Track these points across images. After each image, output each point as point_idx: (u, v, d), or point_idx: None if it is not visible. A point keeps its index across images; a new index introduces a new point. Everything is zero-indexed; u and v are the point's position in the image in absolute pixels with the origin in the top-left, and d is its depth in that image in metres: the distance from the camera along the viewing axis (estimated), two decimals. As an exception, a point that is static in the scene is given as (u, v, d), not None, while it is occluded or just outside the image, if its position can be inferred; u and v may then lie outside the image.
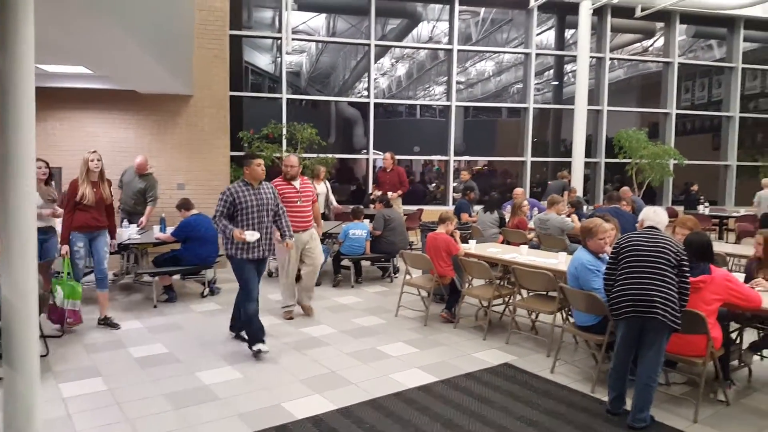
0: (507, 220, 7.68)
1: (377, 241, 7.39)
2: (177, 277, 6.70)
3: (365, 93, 12.29)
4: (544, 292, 5.17)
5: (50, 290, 5.01)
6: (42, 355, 4.35)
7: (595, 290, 4.03)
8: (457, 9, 12.04)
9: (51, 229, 5.41)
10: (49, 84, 7.51)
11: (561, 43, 13.62)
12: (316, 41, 13.00)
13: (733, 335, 4.25)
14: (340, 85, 14.14)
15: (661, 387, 3.93)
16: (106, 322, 5.35)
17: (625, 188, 9.47)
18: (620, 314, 3.49)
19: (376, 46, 11.92)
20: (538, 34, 12.87)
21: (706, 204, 11.47)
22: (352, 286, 7.30)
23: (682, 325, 3.40)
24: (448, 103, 12.35)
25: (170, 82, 7.17)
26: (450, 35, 12.23)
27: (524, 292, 5.48)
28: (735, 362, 4.20)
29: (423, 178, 14.01)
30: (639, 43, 14.97)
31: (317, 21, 12.75)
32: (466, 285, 5.79)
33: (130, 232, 6.50)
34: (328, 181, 8.85)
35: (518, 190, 9.25)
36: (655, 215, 3.75)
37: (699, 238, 3.82)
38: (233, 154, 9.09)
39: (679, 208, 11.58)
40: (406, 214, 9.01)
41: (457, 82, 12.58)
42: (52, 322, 5.05)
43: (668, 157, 11.96)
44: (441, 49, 12.86)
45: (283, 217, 4.97)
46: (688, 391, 4.02)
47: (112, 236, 5.54)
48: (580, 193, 11.02)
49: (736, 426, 3.56)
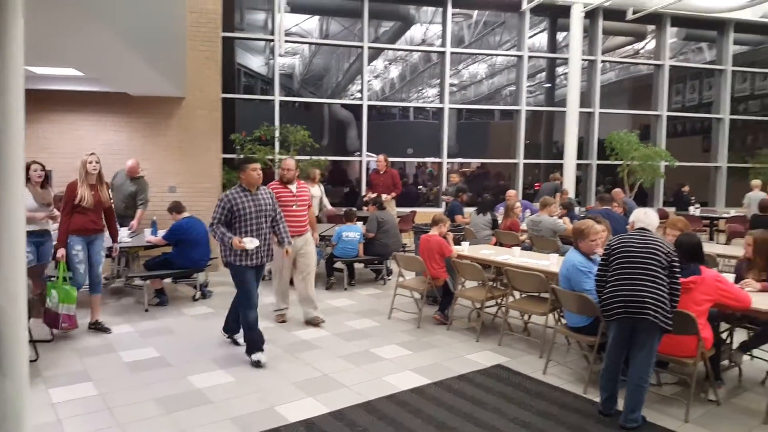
0: (499, 222, 7.70)
1: (370, 244, 7.39)
2: (168, 280, 6.66)
3: (358, 95, 12.30)
4: (537, 294, 5.18)
5: (41, 294, 4.98)
6: (31, 360, 4.33)
7: (586, 291, 4.05)
8: (450, 12, 12.07)
9: (46, 233, 5.33)
10: (40, 86, 7.47)
11: (553, 45, 13.68)
12: (309, 43, 13.00)
13: (724, 335, 4.28)
14: (333, 87, 14.16)
15: (653, 387, 3.94)
16: (96, 327, 5.32)
17: (617, 190, 9.52)
18: (612, 315, 3.51)
19: (369, 48, 11.93)
20: (530, 37, 12.92)
21: (697, 205, 11.53)
22: (345, 289, 7.30)
23: (673, 325, 3.41)
24: (441, 106, 12.37)
25: (162, 85, 7.15)
26: (443, 38, 12.25)
27: (517, 294, 5.50)
28: (725, 362, 4.22)
29: (416, 180, 14.03)
30: (630, 46, 15.07)
31: (310, 23, 12.76)
32: (459, 287, 5.80)
33: (121, 236, 6.45)
34: (321, 184, 8.84)
35: (511, 192, 9.27)
36: (645, 217, 3.77)
37: (689, 239, 3.85)
38: (225, 156, 9.07)
39: (671, 210, 11.64)
40: (399, 216, 9.02)
41: (450, 85, 12.60)
42: (48, 326, 5.00)
43: (659, 158, 12.02)
44: (434, 52, 12.89)
45: (281, 223, 4.88)
46: (679, 392, 4.04)
47: (114, 239, 5.50)
48: (572, 195, 11.07)
49: (727, 425, 3.58)
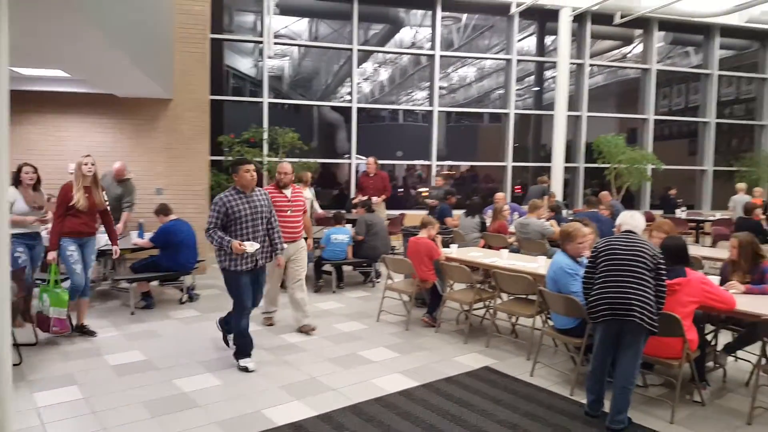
0: (488, 225, 7.72)
1: (359, 246, 7.38)
2: (155, 283, 6.61)
3: (348, 97, 12.30)
4: (524, 296, 5.20)
5: (24, 297, 4.91)
6: (15, 364, 4.27)
7: (573, 293, 4.07)
8: (439, 15, 12.12)
9: (37, 235, 5.27)
10: (25, 87, 7.40)
11: (541, 49, 13.77)
12: (299, 45, 12.98)
13: (709, 337, 4.33)
14: (322, 89, 14.13)
15: (639, 389, 3.97)
16: (82, 330, 5.26)
17: (604, 193, 9.59)
18: (598, 317, 3.53)
19: (358, 51, 11.94)
20: (519, 41, 13.00)
21: (683, 208, 11.65)
22: (334, 292, 7.28)
23: (659, 327, 3.44)
24: (430, 108, 12.41)
25: (150, 86, 7.10)
26: (432, 41, 12.30)
27: (504, 296, 5.52)
28: (710, 364, 4.27)
29: (406, 182, 14.03)
30: (618, 50, 15.19)
31: (299, 25, 12.74)
32: (448, 289, 5.81)
33: (106, 238, 6.40)
34: (312, 187, 8.81)
35: (499, 195, 9.30)
36: (632, 219, 3.80)
37: (675, 242, 3.89)
38: (213, 158, 9.03)
39: (658, 213, 11.74)
40: (388, 219, 9.01)
41: (440, 88, 12.64)
42: (41, 330, 4.95)
43: (646, 162, 12.14)
44: (423, 55, 12.92)
45: (276, 229, 4.69)
46: (664, 393, 4.07)
47: (114, 242, 5.44)
48: (559, 198, 11.13)
49: (712, 426, 3.61)
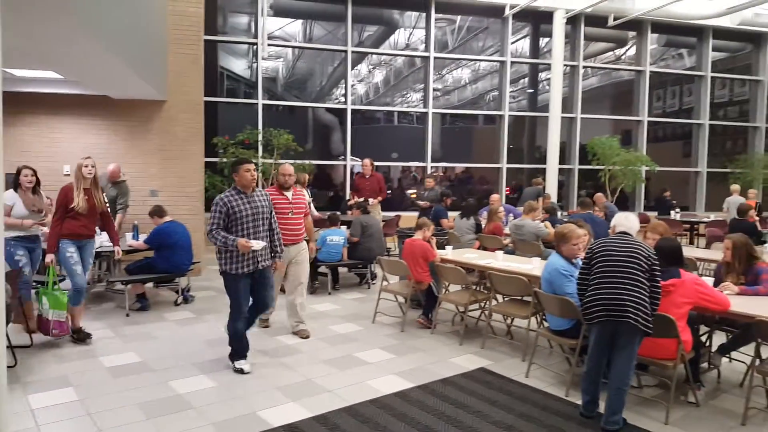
0: (483, 226, 7.74)
1: (354, 248, 7.38)
2: (150, 285, 6.59)
3: (342, 99, 12.30)
4: (519, 297, 5.22)
5: (20, 299, 4.89)
6: (10, 366, 4.25)
7: (568, 295, 4.08)
8: (434, 17, 12.15)
9: (37, 238, 5.23)
10: (19, 89, 7.38)
11: (536, 51, 13.82)
12: (293, 47, 12.97)
13: (703, 338, 4.35)
14: (317, 91, 14.12)
15: (633, 390, 3.98)
16: (79, 334, 5.19)
17: (599, 194, 9.63)
18: (593, 318, 3.54)
19: (353, 52, 11.95)
20: (513, 43, 13.05)
21: (678, 209, 11.70)
22: (329, 293, 7.28)
23: (654, 328, 3.45)
24: (425, 110, 12.43)
25: (143, 88, 7.09)
26: (426, 43, 12.32)
27: (500, 297, 5.53)
28: (705, 365, 4.28)
29: (401, 184, 14.04)
30: (612, 52, 15.25)
31: (294, 27, 12.73)
32: (443, 290, 5.82)
33: (102, 240, 6.38)
34: (308, 189, 8.79)
35: (494, 197, 9.32)
36: (626, 221, 3.81)
37: (669, 243, 3.91)
38: (208, 160, 9.01)
39: (652, 214, 11.80)
40: (384, 220, 9.01)
41: (434, 89, 12.67)
42: (42, 333, 4.91)
43: (640, 163, 12.19)
44: (418, 57, 12.94)
45: (276, 231, 4.61)
46: (659, 394, 4.09)
47: (116, 243, 5.39)
48: (554, 199, 11.16)
49: (706, 427, 3.63)
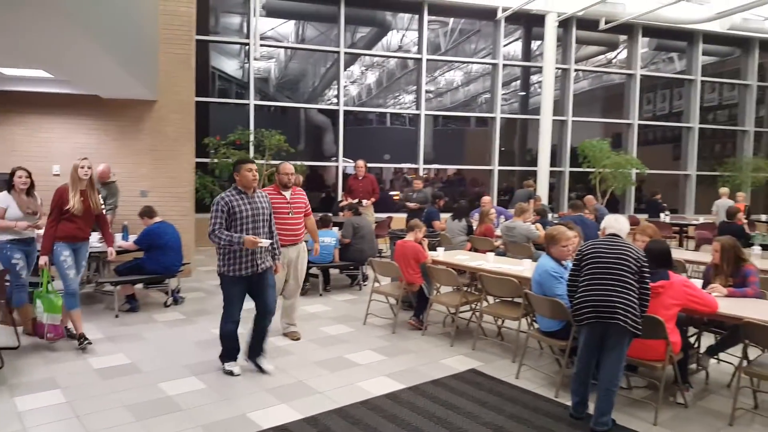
0: (474, 228, 7.75)
1: (346, 249, 7.37)
2: (140, 286, 6.55)
3: (335, 100, 12.30)
4: (510, 299, 5.23)
5: (7, 301, 4.84)
6: (-4, 368, 4.22)
7: (558, 296, 4.10)
8: (426, 19, 12.18)
9: (32, 241, 5.15)
10: (7, 87, 7.32)
11: (527, 54, 13.88)
12: (285, 48, 12.97)
13: (692, 340, 4.38)
14: (309, 91, 14.12)
15: (623, 391, 4.00)
16: (67, 333, 5.15)
17: (589, 197, 9.68)
18: (582, 320, 3.55)
19: (345, 53, 11.95)
20: (505, 45, 13.11)
21: (667, 212, 11.79)
22: (321, 295, 7.26)
23: (643, 330, 3.47)
24: (417, 112, 12.45)
25: (134, 87, 7.05)
26: (419, 44, 12.34)
27: (490, 299, 5.54)
28: (693, 366, 4.31)
29: (393, 185, 14.06)
30: (603, 55, 15.36)
31: (286, 27, 12.73)
32: (434, 292, 5.82)
33: (91, 240, 6.33)
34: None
35: (486, 199, 9.35)
36: (616, 223, 3.84)
37: (658, 246, 3.93)
38: (198, 160, 8.97)
39: (642, 216, 11.88)
40: (376, 222, 9.01)
41: (427, 91, 12.70)
42: (38, 337, 4.86)
43: (630, 166, 12.27)
44: (410, 58, 12.97)
45: (274, 233, 4.50)
46: (648, 395, 4.11)
47: (110, 244, 5.32)
48: (545, 202, 11.21)
49: (695, 427, 3.65)
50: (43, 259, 4.77)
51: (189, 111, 8.37)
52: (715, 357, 4.44)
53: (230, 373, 4.39)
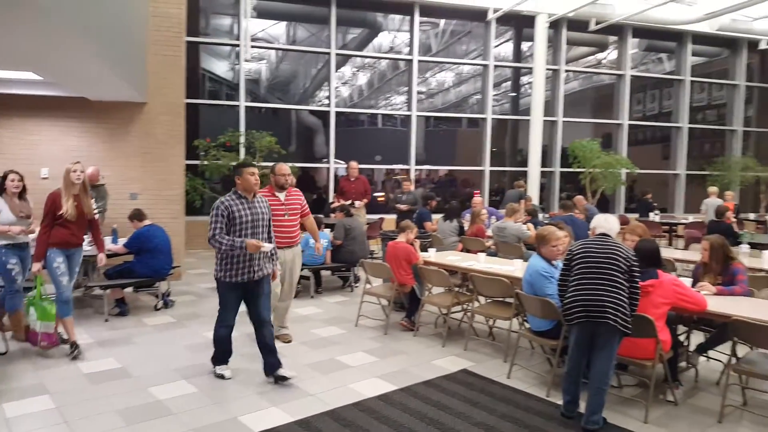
0: (466, 229, 7.76)
1: (338, 251, 7.36)
2: (129, 289, 6.51)
3: (326, 101, 12.28)
4: (501, 299, 5.24)
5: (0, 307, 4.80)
6: (-16, 373, 4.17)
7: (549, 296, 4.11)
8: (417, 20, 12.19)
9: (26, 245, 5.08)
10: (-6, 90, 7.25)
11: (518, 55, 13.93)
12: (276, 49, 12.94)
13: (681, 338, 4.40)
14: (300, 93, 14.10)
15: (613, 389, 4.02)
16: (74, 347, 4.98)
17: (579, 197, 9.72)
18: (573, 319, 3.57)
19: (336, 55, 11.94)
20: (496, 47, 13.15)
21: (657, 211, 11.86)
22: (312, 297, 7.25)
23: (633, 328, 3.49)
24: (408, 113, 12.46)
25: (123, 89, 7.00)
26: (410, 46, 12.36)
27: (482, 299, 5.55)
28: (683, 364, 4.34)
29: (384, 187, 14.06)
30: (593, 56, 15.45)
31: (277, 29, 12.71)
32: (426, 293, 5.82)
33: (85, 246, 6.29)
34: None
35: (477, 199, 9.36)
36: (606, 222, 3.86)
37: (648, 245, 3.95)
38: (189, 162, 8.93)
39: (632, 215, 11.94)
40: (368, 223, 9.00)
41: (418, 92, 12.71)
42: (31, 344, 4.79)
43: (620, 166, 12.34)
44: (401, 60, 12.98)
45: (272, 238, 4.45)
46: (638, 393, 4.13)
47: (101, 250, 5.24)
48: (536, 202, 11.24)
49: (685, 425, 3.68)
50: (37, 266, 4.70)
51: (179, 113, 8.32)
52: (705, 355, 4.47)
53: (221, 377, 4.37)
